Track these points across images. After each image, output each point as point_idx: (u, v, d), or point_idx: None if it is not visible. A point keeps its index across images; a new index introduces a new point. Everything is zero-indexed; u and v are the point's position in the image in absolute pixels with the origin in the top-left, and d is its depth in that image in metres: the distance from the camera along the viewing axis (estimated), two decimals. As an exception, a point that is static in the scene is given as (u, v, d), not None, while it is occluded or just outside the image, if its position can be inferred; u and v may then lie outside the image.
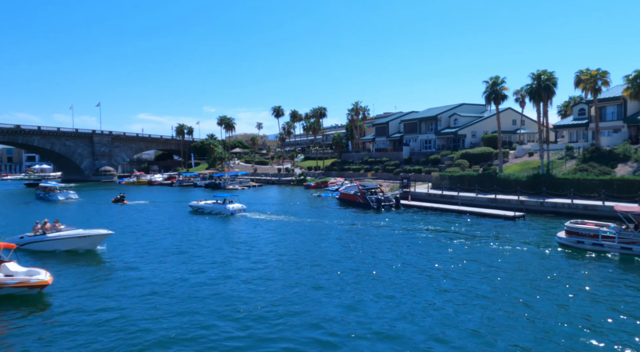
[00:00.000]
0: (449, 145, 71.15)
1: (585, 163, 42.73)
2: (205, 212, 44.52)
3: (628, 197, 34.04)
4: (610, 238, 22.86)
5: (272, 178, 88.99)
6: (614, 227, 23.23)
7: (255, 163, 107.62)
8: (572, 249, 23.82)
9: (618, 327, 13.76)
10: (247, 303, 16.62)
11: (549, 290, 17.52)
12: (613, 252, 22.53)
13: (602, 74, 44.76)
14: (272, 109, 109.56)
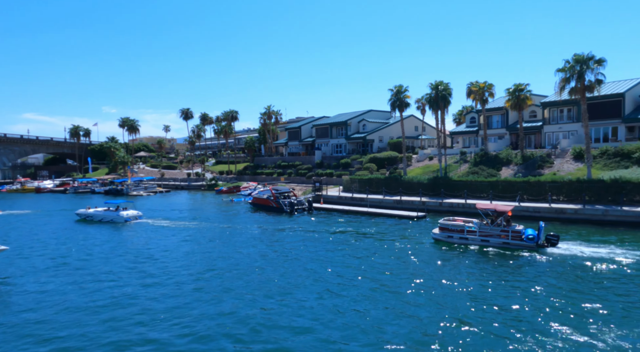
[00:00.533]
0: (359, 150, 74.18)
1: (476, 166, 47.37)
2: (95, 220, 41.33)
3: (510, 196, 38.43)
4: (473, 232, 26.17)
5: (182, 183, 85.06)
6: (477, 223, 26.53)
7: (162, 168, 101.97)
8: (444, 243, 26.90)
9: (481, 309, 15.77)
10: (120, 310, 16.26)
11: (421, 279, 19.76)
12: (475, 244, 25.88)
13: (489, 86, 50.08)
14: (181, 111, 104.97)
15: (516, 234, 24.86)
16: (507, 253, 23.86)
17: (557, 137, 51.87)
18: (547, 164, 44.11)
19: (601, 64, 36.41)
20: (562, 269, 20.60)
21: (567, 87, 38.14)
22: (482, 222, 26.60)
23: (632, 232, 28.46)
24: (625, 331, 13.54)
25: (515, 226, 25.66)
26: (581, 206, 33.73)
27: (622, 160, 39.65)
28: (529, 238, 24.42)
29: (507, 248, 24.68)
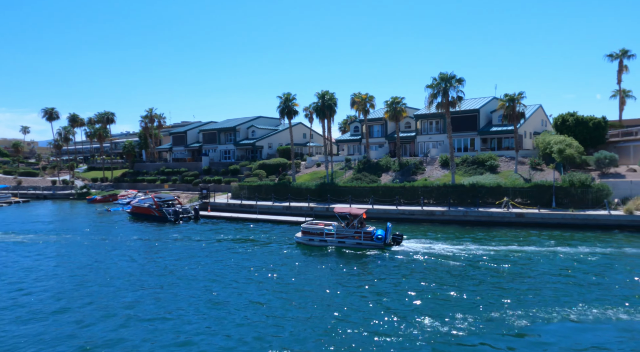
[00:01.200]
0: (248, 156, 73.47)
1: (360, 173, 50.34)
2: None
3: (389, 200, 41.61)
4: (331, 234, 28.13)
5: (45, 192, 74.79)
6: (335, 226, 28.64)
7: (19, 174, 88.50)
8: (306, 246, 28.43)
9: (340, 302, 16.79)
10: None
11: (281, 281, 20.78)
12: (332, 246, 27.88)
13: (370, 98, 53.76)
14: (43, 110, 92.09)
15: (367, 235, 27.43)
16: (359, 252, 26.35)
17: (428, 147, 57.75)
18: (420, 170, 48.80)
19: (461, 83, 41.64)
20: (400, 262, 23.78)
21: (435, 102, 42.79)
22: (341, 224, 28.63)
23: (483, 230, 32.90)
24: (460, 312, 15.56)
25: (368, 227, 28.22)
26: (447, 208, 37.98)
27: (479, 167, 45.73)
28: (378, 238, 27.06)
29: (360, 248, 27.16)
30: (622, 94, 53.78)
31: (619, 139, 47.55)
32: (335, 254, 26.43)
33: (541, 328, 14.14)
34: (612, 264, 22.02)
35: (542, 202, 35.99)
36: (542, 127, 58.36)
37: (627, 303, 16.06)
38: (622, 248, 25.56)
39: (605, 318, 14.79)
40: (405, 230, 33.29)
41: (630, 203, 32.84)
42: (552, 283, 18.95)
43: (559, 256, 23.91)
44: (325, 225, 29.43)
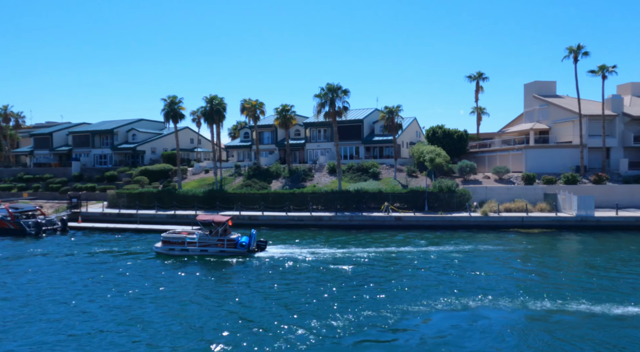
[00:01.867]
0: (128, 162, 67.78)
1: (249, 179, 49.85)
2: None
3: (279, 206, 41.93)
4: (194, 243, 27.65)
5: None
6: (198, 234, 28.31)
7: None
8: (166, 256, 27.47)
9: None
10: None
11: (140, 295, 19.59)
12: (195, 254, 27.42)
13: (260, 104, 53.74)
14: None
15: (231, 242, 27.47)
16: (223, 260, 26.19)
17: (317, 154, 59.69)
18: (309, 177, 50.14)
19: (346, 94, 44.00)
20: (263, 268, 24.09)
21: (322, 111, 44.49)
22: (205, 232, 28.28)
23: (367, 234, 35.09)
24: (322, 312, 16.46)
25: (232, 234, 28.25)
26: (334, 213, 39.61)
27: (363, 174, 48.64)
28: (241, 245, 27.30)
29: (223, 255, 27.05)
30: (479, 111, 62.08)
31: (477, 149, 54.77)
32: (197, 263, 25.81)
33: (412, 321, 15.47)
34: (471, 259, 25.14)
35: (417, 206, 39.66)
36: (416, 137, 64.43)
37: (480, 295, 18.43)
38: (479, 245, 29.37)
39: (463, 307, 16.78)
40: (294, 235, 33.84)
41: (485, 206, 37.93)
42: (423, 279, 20.91)
43: (431, 255, 26.52)
44: (188, 234, 28.66)
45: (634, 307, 16.34)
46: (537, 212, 37.61)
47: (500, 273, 21.89)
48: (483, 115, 63.02)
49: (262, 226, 39.41)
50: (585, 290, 18.66)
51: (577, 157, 44.95)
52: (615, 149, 47.06)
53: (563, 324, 14.92)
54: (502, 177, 44.80)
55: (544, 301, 17.17)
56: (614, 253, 26.30)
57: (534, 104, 55.12)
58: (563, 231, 34.15)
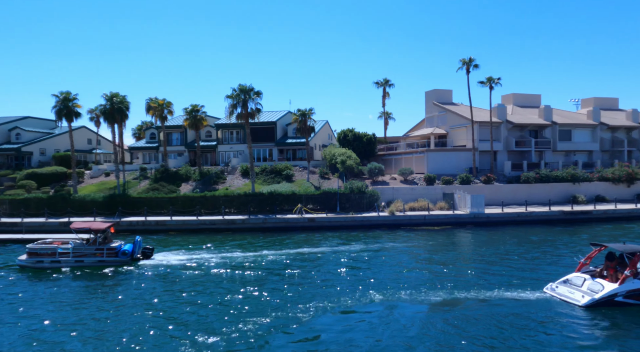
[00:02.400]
0: (10, 164, 59.98)
1: (157, 183, 47.04)
2: None
3: (190, 210, 40.19)
4: (67, 254, 25.06)
5: None
6: (72, 243, 25.72)
7: None
8: (33, 269, 24.52)
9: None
10: None
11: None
12: (68, 266, 24.72)
13: (167, 104, 51.05)
14: None
15: (111, 251, 25.34)
16: (100, 271, 23.84)
17: (229, 156, 58.36)
18: (221, 180, 48.79)
19: (259, 95, 43.66)
20: (146, 278, 22.22)
21: (235, 112, 43.60)
22: (82, 242, 26.00)
23: (281, 235, 35.15)
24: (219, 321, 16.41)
25: (114, 242, 26.24)
26: (248, 216, 39.01)
27: (276, 176, 48.61)
28: (123, 253, 25.28)
29: (102, 266, 24.80)
30: (386, 116, 65.66)
31: (385, 152, 57.85)
32: (71, 274, 23.15)
33: (321, 319, 15.80)
34: (379, 256, 26.44)
35: (329, 207, 40.66)
36: (328, 140, 66.16)
37: (387, 289, 19.47)
38: (386, 243, 31.00)
39: (371, 302, 17.58)
40: (205, 240, 32.67)
41: (392, 206, 40.17)
42: (333, 277, 21.49)
43: (342, 254, 27.34)
44: (61, 243, 25.87)
45: (514, 292, 18.44)
46: (438, 210, 40.79)
47: (405, 268, 23.30)
48: (390, 119, 66.76)
49: (171, 232, 37.43)
50: (478, 279, 20.63)
51: (470, 159, 49.64)
52: (501, 152, 52.88)
53: (460, 310, 16.33)
54: (407, 178, 47.82)
55: (443, 291, 18.63)
56: (500, 246, 29.48)
57: (434, 111, 59.77)
58: (459, 227, 37.45)
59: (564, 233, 34.38)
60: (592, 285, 17.01)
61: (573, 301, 16.82)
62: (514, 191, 45.66)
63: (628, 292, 16.38)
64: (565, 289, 17.63)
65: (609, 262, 17.85)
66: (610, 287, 16.49)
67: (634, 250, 17.27)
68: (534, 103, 62.34)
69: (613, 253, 18.10)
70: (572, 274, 18.33)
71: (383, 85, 62.52)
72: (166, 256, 27.11)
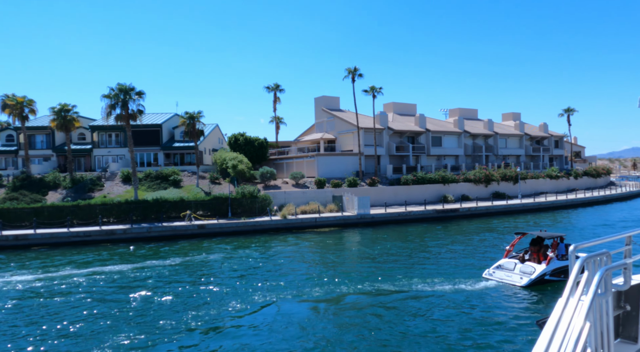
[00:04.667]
0: None
1: (16, 191, 40.88)
2: None
3: (59, 222, 35.64)
4: None
5: None
6: None
7: None
8: None
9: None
10: None
11: None
12: None
13: (29, 102, 44.76)
14: None
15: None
16: None
17: (107, 161, 53.27)
18: (98, 187, 44.25)
19: (141, 96, 40.68)
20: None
21: (113, 113, 39.99)
22: None
23: (168, 245, 33.17)
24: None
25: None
26: (130, 225, 35.96)
27: (162, 182, 45.71)
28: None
29: None
30: (277, 120, 66.21)
31: (277, 156, 58.26)
32: None
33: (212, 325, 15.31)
34: (270, 260, 26.48)
35: (220, 213, 39.50)
36: (219, 144, 64.39)
37: (280, 292, 19.60)
38: (278, 246, 31.20)
39: (264, 304, 17.55)
40: (74, 254, 29.28)
41: (284, 209, 40.57)
42: (224, 284, 20.94)
43: (232, 259, 26.75)
44: None
45: (402, 285, 19.99)
46: (328, 212, 42.31)
47: (296, 269, 23.69)
48: (281, 124, 67.46)
49: (34, 246, 32.75)
50: (364, 274, 21.87)
51: (357, 163, 52.55)
52: (384, 156, 56.98)
53: (351, 305, 17.12)
54: (298, 182, 48.75)
55: (334, 288, 19.36)
56: (384, 243, 31.69)
57: (323, 116, 62.02)
58: (348, 228, 39.33)
59: (437, 229, 38.32)
60: (524, 268, 19.62)
61: (513, 282, 19.28)
62: (396, 192, 49.51)
63: (553, 271, 19.36)
64: (503, 273, 20.00)
65: (533, 247, 20.84)
66: (540, 268, 19.25)
67: (554, 236, 20.37)
68: (411, 111, 68.51)
69: (536, 239, 21.03)
70: (503, 260, 20.81)
71: (274, 90, 63.00)
72: (31, 275, 23.51)
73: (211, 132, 60.94)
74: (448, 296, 18.11)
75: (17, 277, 23.39)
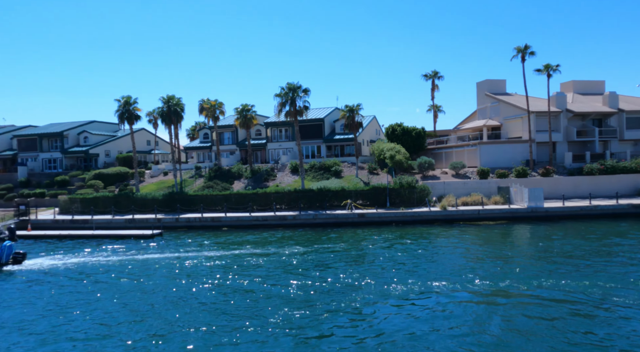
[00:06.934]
0: (80, 165, 64.76)
1: (211, 181, 49.00)
2: None
3: (243, 207, 41.52)
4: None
5: None
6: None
7: None
8: None
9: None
10: None
11: None
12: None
13: (219, 104, 52.92)
14: None
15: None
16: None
17: (279, 154, 59.53)
18: (271, 177, 49.95)
19: (307, 93, 44.17)
20: (24, 281, 22.48)
21: (283, 110, 44.42)
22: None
23: (335, 231, 35.42)
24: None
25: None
26: (298, 212, 39.69)
27: (325, 172, 49.01)
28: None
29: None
30: (435, 109, 64.09)
31: (435, 146, 56.58)
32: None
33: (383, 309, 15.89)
34: (433, 251, 26.02)
35: (379, 203, 40.46)
36: (376, 135, 65.66)
37: (444, 283, 19.17)
38: (439, 238, 30.43)
39: (427, 295, 17.40)
40: (256, 236, 33.65)
41: (444, 200, 39.29)
42: (389, 272, 21.45)
43: (395, 248, 27.19)
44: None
45: (574, 289, 17.54)
46: (492, 205, 39.39)
47: (461, 263, 22.81)
48: (439, 112, 65.12)
49: (225, 227, 38.89)
50: (539, 275, 19.81)
51: (526, 151, 47.42)
52: (561, 143, 50.04)
53: (519, 305, 15.81)
54: (458, 173, 46.54)
55: (502, 286, 18.09)
56: (562, 241, 28.03)
57: (486, 102, 57.61)
58: (516, 222, 35.97)
59: (636, 228, 32.08)
60: None
61: None
62: (576, 183, 43.14)
63: None
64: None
65: None
66: None
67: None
68: (597, 90, 58.39)
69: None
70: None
71: (432, 77, 61.07)
72: (37, 261, 27.16)
73: (369, 124, 62.54)
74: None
75: (222, 252, 28.17)
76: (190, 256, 27.13)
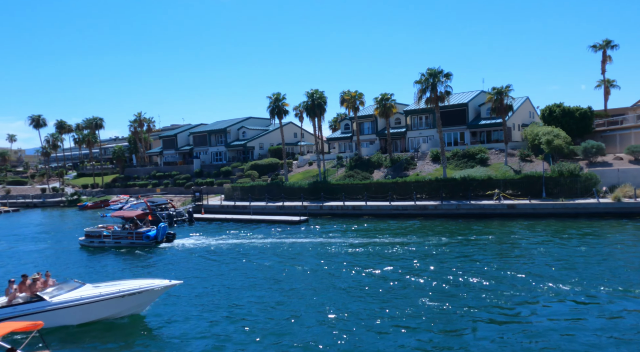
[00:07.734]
0: (239, 157, 73.39)
1: (352, 170, 50.56)
2: None
3: (382, 196, 41.90)
4: (108, 237, 31.39)
5: (34, 200, 74.00)
6: (117, 228, 32.39)
7: (7, 183, 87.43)
8: (87, 248, 31.47)
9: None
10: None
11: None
12: (110, 246, 31.01)
13: (359, 95, 53.96)
14: (30, 118, 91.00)
15: (139, 235, 30.86)
16: (134, 251, 29.40)
17: (418, 142, 58.14)
18: (411, 166, 49.16)
19: (449, 78, 42.01)
20: (170, 256, 27.34)
21: (423, 97, 43.11)
22: (124, 226, 32.37)
23: (479, 223, 33.27)
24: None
25: (142, 227, 31.84)
26: (440, 202, 38.33)
27: (469, 161, 46.17)
28: (148, 237, 30.56)
29: (134, 246, 30.42)
30: (607, 84, 54.59)
31: (605, 128, 48.31)
32: (112, 253, 29.28)
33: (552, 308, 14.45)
34: (604, 250, 22.45)
35: (532, 193, 36.49)
36: (530, 119, 59.03)
37: (612, 286, 16.42)
38: (613, 235, 26.05)
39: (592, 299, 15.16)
40: (396, 225, 33.57)
41: (618, 191, 33.44)
42: (550, 269, 19.30)
43: (552, 244, 24.30)
44: (107, 228, 32.45)
45: None
46: (687, 197, 32.08)
47: (637, 265, 19.25)
48: (612, 88, 55.32)
49: (365, 216, 39.80)
50: None
51: None
52: None
53: None
54: (638, 158, 39.02)
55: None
56: None
57: (679, 71, 46.71)
58: None
59: None
60: None
61: None
62: None
63: None
64: None
65: None
66: None
67: None
68: None
69: None
70: None
71: (603, 48, 52.13)
72: (193, 239, 32.31)
73: (520, 106, 56.53)
74: None
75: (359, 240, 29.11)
76: (332, 242, 28.61)
